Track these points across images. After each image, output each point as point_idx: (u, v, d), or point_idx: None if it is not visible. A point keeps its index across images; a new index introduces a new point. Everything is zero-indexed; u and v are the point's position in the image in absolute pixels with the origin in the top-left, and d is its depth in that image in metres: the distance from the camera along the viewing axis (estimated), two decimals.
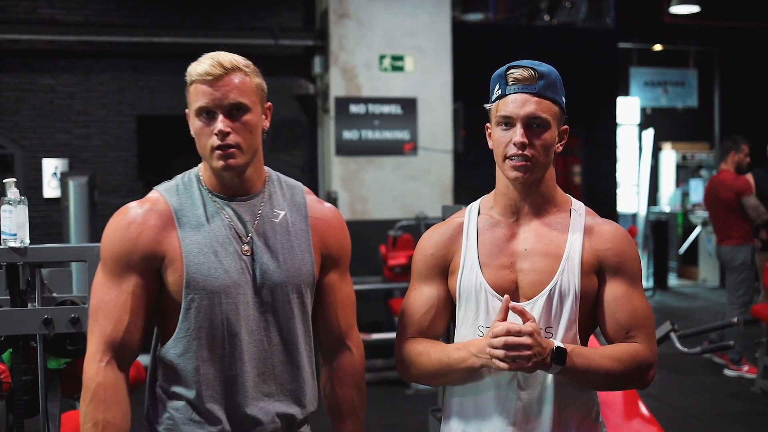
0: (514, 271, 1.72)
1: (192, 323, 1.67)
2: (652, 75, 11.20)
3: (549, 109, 1.67)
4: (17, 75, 7.10)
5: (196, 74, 1.65)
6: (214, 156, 1.65)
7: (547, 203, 1.76)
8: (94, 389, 1.62)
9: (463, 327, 1.76)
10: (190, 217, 1.70)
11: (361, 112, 6.73)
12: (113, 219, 1.71)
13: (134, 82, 7.28)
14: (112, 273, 1.67)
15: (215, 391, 1.69)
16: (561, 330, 1.68)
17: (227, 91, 1.64)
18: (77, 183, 5.63)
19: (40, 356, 2.28)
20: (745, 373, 6.06)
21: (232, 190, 1.73)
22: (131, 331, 1.66)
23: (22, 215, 2.24)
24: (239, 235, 1.71)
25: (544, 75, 1.68)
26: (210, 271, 1.66)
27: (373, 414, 5.35)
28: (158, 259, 1.67)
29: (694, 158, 11.94)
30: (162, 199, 1.71)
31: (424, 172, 6.84)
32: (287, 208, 1.78)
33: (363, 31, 6.73)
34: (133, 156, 7.21)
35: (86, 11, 7.18)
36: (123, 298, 1.66)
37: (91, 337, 1.66)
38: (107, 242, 1.69)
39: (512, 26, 8.93)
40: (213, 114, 1.65)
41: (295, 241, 1.76)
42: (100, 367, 1.63)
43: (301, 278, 1.75)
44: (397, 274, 6.12)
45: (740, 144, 6.26)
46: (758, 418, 5.17)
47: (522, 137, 1.65)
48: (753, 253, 6.19)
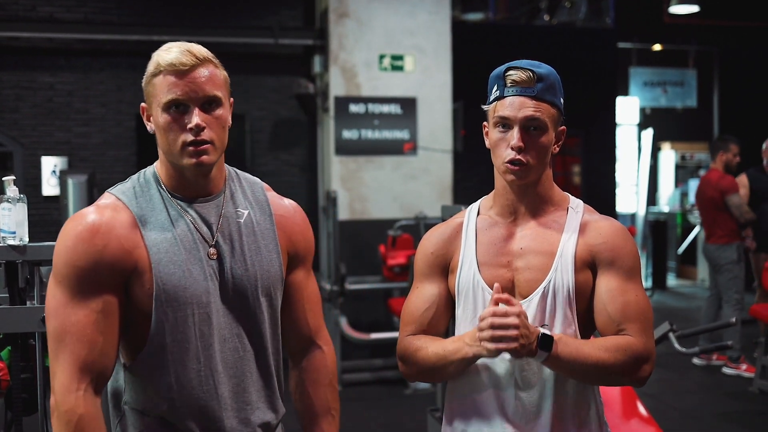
0: (511, 269, 1.73)
1: (164, 337, 1.55)
2: (651, 75, 11.20)
3: (547, 112, 1.67)
4: (16, 73, 7.09)
5: (166, 63, 1.52)
6: (185, 153, 1.53)
7: (545, 203, 1.76)
8: (76, 423, 1.46)
9: (462, 325, 1.77)
10: (154, 223, 1.57)
11: (360, 112, 6.73)
12: (70, 229, 1.54)
13: (133, 80, 7.27)
14: (75, 290, 1.50)
15: (192, 407, 1.58)
16: (558, 328, 1.68)
17: (202, 83, 1.53)
18: (76, 181, 5.64)
19: (38, 354, 2.28)
20: (743, 371, 6.08)
21: (196, 190, 1.62)
22: (106, 353, 1.51)
23: (21, 213, 2.25)
24: (204, 238, 1.60)
25: (543, 77, 1.67)
26: (181, 281, 1.55)
27: (372, 414, 5.35)
28: (127, 271, 1.53)
29: (693, 158, 11.95)
30: (121, 205, 1.57)
31: (424, 172, 6.84)
32: (250, 207, 1.69)
33: (363, 30, 6.72)
34: (132, 154, 7.21)
35: (85, 9, 7.17)
36: (93, 318, 1.50)
37: (60, 363, 1.49)
38: (67, 255, 1.51)
39: (512, 26, 8.93)
40: (185, 108, 1.53)
41: (262, 242, 1.67)
42: (78, 396, 1.47)
43: (270, 280, 1.67)
44: (397, 274, 6.12)
45: (729, 144, 6.32)
46: (756, 418, 5.17)
47: (519, 141, 1.65)
48: (740, 252, 6.21)
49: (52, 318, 1.52)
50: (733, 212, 6.12)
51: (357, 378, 6.20)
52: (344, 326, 6.05)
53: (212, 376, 1.59)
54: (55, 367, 1.50)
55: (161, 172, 1.63)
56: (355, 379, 6.18)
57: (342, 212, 6.53)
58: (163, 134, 1.56)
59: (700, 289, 10.56)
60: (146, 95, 1.59)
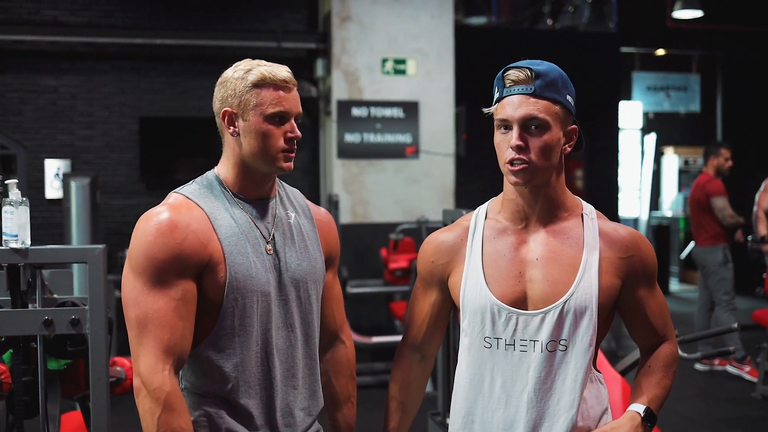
0: (522, 281, 1.67)
1: (233, 321, 1.70)
2: (654, 79, 11.19)
3: (547, 110, 1.61)
4: (20, 76, 7.11)
5: (275, 78, 1.71)
6: (280, 157, 1.73)
7: (557, 208, 1.70)
8: (165, 399, 1.60)
9: (468, 338, 1.74)
10: (222, 220, 1.72)
11: (363, 115, 6.74)
12: (148, 224, 1.67)
13: (137, 83, 7.29)
14: (155, 280, 1.64)
15: (250, 387, 1.73)
16: (577, 343, 1.64)
17: (297, 102, 1.76)
18: (79, 184, 5.64)
19: (40, 357, 2.28)
20: (746, 373, 6.08)
21: (259, 193, 1.79)
22: (185, 336, 1.66)
23: (24, 216, 2.24)
24: (263, 235, 1.77)
25: (542, 74, 1.62)
26: (249, 272, 1.70)
27: (373, 417, 5.32)
28: (203, 263, 1.68)
29: (696, 163, 11.93)
30: (192, 203, 1.72)
31: (426, 176, 6.84)
32: (294, 211, 1.87)
33: (365, 34, 6.73)
34: (136, 157, 7.22)
35: (89, 13, 7.19)
36: (173, 305, 1.64)
37: (144, 347, 1.63)
38: (148, 249, 1.65)
39: (515, 30, 8.93)
40: (284, 119, 1.72)
41: (308, 241, 1.85)
42: (165, 376, 1.61)
43: (316, 275, 1.84)
44: (398, 278, 6.12)
45: (719, 149, 6.43)
46: (759, 424, 5.16)
47: (518, 140, 1.61)
48: (726, 253, 6.24)
49: (134, 307, 1.65)
50: (716, 215, 6.18)
51: (359, 381, 6.14)
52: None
53: (268, 359, 1.75)
54: (138, 351, 1.63)
55: (225, 175, 1.79)
56: (357, 382, 6.17)
57: (344, 216, 6.53)
58: (261, 139, 1.72)
59: None
60: (240, 101, 1.72)
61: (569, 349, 1.64)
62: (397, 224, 6.47)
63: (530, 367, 1.65)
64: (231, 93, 1.73)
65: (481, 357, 1.71)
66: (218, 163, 1.82)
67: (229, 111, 1.73)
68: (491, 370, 1.69)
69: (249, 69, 1.72)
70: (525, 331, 1.65)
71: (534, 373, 1.65)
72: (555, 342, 1.64)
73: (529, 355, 1.65)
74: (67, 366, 2.37)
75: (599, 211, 1.77)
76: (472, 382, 1.73)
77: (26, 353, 2.31)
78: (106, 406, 2.24)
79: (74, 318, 2.26)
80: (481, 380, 1.71)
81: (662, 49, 11.13)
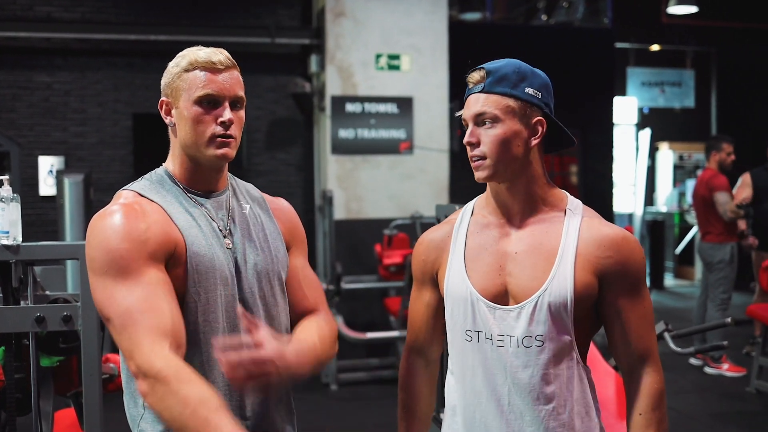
0: (503, 274, 1.67)
1: (197, 317, 1.61)
2: (649, 75, 11.21)
3: (496, 104, 1.63)
4: (13, 72, 7.08)
5: (204, 60, 1.63)
6: (212, 144, 1.63)
7: (537, 203, 1.69)
8: (174, 375, 1.43)
9: (452, 332, 1.74)
10: (179, 213, 1.64)
11: (357, 111, 6.73)
12: (103, 222, 1.57)
13: (131, 80, 7.27)
14: (124, 272, 1.52)
15: (219, 386, 1.62)
16: (553, 337, 1.62)
17: (233, 83, 1.66)
18: (73, 181, 5.63)
19: (32, 354, 2.27)
20: (725, 371, 6.10)
21: (209, 185, 1.71)
22: (175, 318, 1.52)
23: (15, 213, 2.24)
24: (219, 229, 1.69)
25: (492, 71, 1.65)
26: (211, 264, 1.63)
27: (369, 413, 5.34)
28: (170, 251, 1.58)
29: (691, 158, 11.96)
30: (145, 199, 1.64)
31: (420, 171, 6.84)
32: (248, 203, 1.79)
33: (359, 29, 6.72)
34: (129, 154, 7.20)
35: (83, 9, 7.16)
36: (151, 289, 1.52)
37: (134, 340, 1.48)
38: (107, 244, 1.54)
39: (509, 26, 8.93)
40: (216, 103, 1.64)
41: (266, 231, 1.78)
42: (165, 355, 1.46)
43: (279, 264, 1.77)
44: (393, 273, 6.11)
45: (721, 143, 6.37)
46: (753, 418, 5.18)
47: (469, 136, 1.66)
48: (733, 252, 6.23)
49: (110, 306, 1.52)
50: (717, 209, 6.16)
51: (353, 377, 6.20)
52: (340, 325, 6.05)
53: None
54: (130, 347, 1.48)
55: (174, 169, 1.71)
56: (351, 378, 6.18)
57: (338, 211, 6.53)
58: (191, 126, 1.63)
59: (698, 289, 10.53)
60: (172, 89, 1.66)
61: (545, 344, 1.63)
62: (392, 220, 6.47)
63: (507, 362, 1.65)
64: (166, 81, 1.67)
65: (464, 350, 1.71)
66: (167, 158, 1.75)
67: (165, 100, 1.68)
68: (472, 364, 1.70)
69: (183, 55, 1.66)
70: (502, 326, 1.65)
71: (511, 368, 1.65)
72: (530, 337, 1.63)
73: (506, 349, 1.65)
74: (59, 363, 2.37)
75: (594, 210, 1.74)
76: (457, 376, 1.75)
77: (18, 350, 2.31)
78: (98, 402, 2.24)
79: (66, 315, 2.25)
80: (463, 374, 1.72)
81: (657, 45, 11.14)
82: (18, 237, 2.24)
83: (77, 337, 2.30)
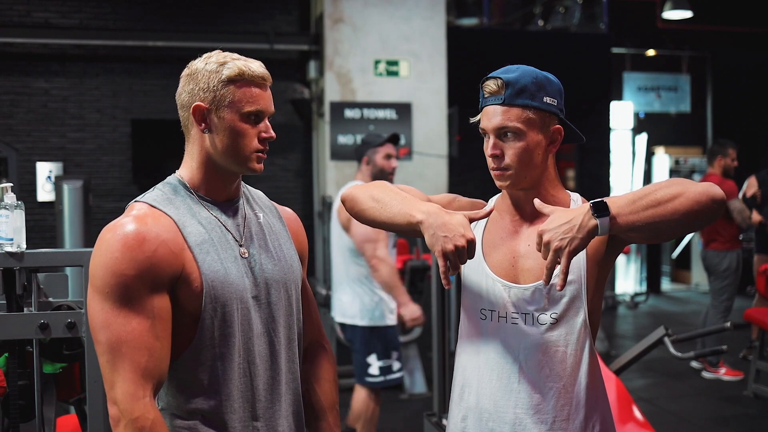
0: (516, 267, 1.73)
1: (213, 333, 1.59)
2: (645, 80, 11.23)
3: (518, 117, 1.66)
4: (11, 78, 7.09)
5: (254, 75, 1.62)
6: (253, 157, 1.64)
7: (550, 202, 1.74)
8: (150, 429, 1.48)
9: (466, 312, 1.79)
10: (191, 226, 1.61)
11: (355, 117, 6.74)
12: (113, 237, 1.53)
13: (129, 85, 7.28)
14: (125, 300, 1.50)
15: (233, 401, 1.62)
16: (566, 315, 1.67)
17: (271, 101, 1.68)
18: (72, 187, 5.62)
19: (36, 361, 2.27)
20: (722, 375, 6.10)
21: (225, 194, 1.69)
22: (163, 358, 1.54)
23: (19, 220, 2.24)
24: (234, 238, 1.66)
25: (510, 83, 1.66)
26: (227, 278, 1.60)
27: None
28: (176, 274, 1.56)
29: (686, 163, 11.98)
30: (158, 212, 1.60)
31: (419, 177, 6.85)
32: (261, 211, 1.77)
33: (358, 35, 6.74)
34: (128, 160, 7.21)
35: (81, 15, 7.18)
36: (148, 325, 1.51)
37: (120, 373, 1.49)
38: (114, 266, 1.51)
39: (506, 31, 8.96)
40: (260, 119, 1.65)
41: (281, 240, 1.76)
42: (146, 403, 1.49)
43: (293, 275, 1.75)
44: None
45: (727, 148, 6.26)
46: (751, 422, 5.19)
47: (493, 149, 1.69)
48: (739, 259, 6.20)
49: (104, 330, 1.51)
50: (735, 217, 6.04)
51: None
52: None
53: (250, 369, 1.65)
54: (113, 377, 1.50)
55: (190, 177, 1.67)
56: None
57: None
58: (234, 138, 1.62)
59: (694, 294, 10.58)
60: (214, 96, 1.61)
61: (560, 322, 1.68)
62: None
63: (521, 339, 1.70)
64: (204, 86, 1.60)
65: (478, 329, 1.76)
66: (181, 165, 1.71)
67: (201, 106, 1.61)
68: (486, 342, 1.74)
69: (223, 62, 1.61)
70: (517, 304, 1.70)
71: (525, 345, 1.70)
72: (545, 315, 1.68)
73: (520, 327, 1.70)
74: (62, 369, 2.37)
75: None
76: (470, 354, 1.78)
77: (22, 357, 2.31)
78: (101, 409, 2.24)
79: (70, 321, 2.25)
80: (477, 351, 1.76)
81: (652, 50, 11.18)
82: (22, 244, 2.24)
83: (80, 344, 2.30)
